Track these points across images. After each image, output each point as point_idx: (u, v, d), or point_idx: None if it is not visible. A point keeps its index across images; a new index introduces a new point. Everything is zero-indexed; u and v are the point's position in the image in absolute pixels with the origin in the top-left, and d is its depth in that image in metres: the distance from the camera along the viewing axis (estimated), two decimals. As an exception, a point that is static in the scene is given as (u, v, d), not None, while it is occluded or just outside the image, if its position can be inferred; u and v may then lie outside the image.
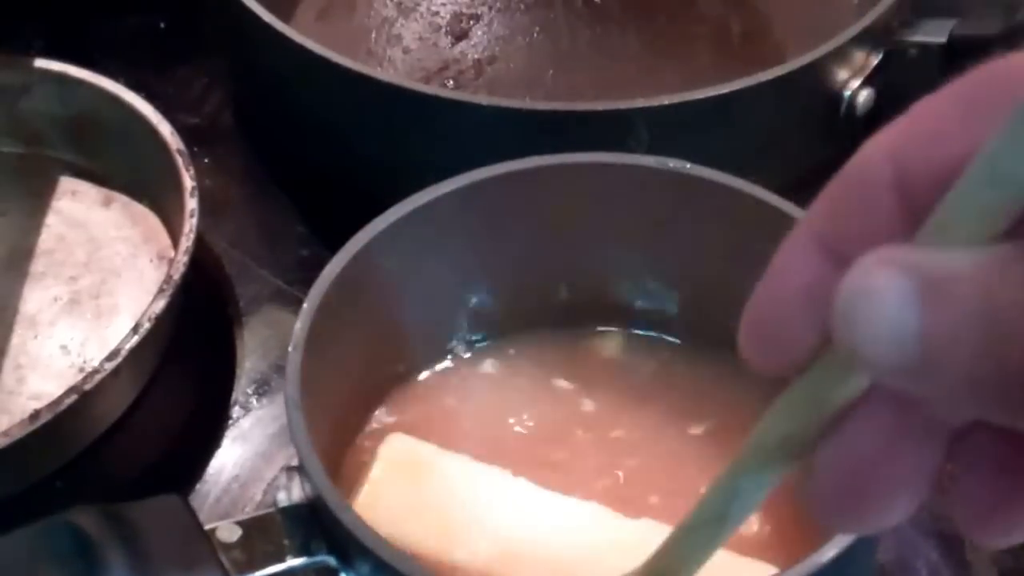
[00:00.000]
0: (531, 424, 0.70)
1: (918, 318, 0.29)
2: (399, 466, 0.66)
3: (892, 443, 0.32)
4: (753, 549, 0.64)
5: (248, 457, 0.77)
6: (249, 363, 0.82)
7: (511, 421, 0.70)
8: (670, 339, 0.74)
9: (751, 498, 0.38)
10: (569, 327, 0.74)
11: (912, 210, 0.32)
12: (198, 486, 0.75)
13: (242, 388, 0.81)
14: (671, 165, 0.68)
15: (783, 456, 0.36)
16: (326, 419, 0.64)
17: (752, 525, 0.65)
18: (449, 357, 0.73)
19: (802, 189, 0.85)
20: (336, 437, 0.68)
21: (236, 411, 0.79)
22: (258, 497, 0.74)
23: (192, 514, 0.56)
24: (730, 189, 0.67)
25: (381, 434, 0.69)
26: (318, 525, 0.56)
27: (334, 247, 0.66)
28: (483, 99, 0.80)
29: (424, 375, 0.72)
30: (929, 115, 0.32)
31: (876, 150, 0.33)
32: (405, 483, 0.65)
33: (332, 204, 0.89)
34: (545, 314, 0.74)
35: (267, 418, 0.79)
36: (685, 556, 0.44)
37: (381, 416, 0.71)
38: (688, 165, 0.68)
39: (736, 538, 0.63)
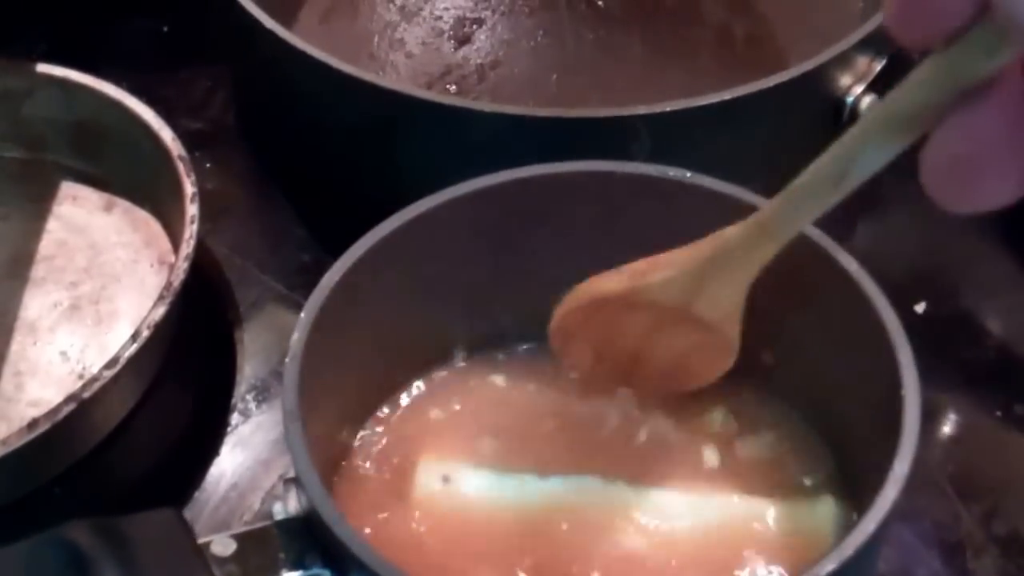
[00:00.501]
0: (531, 432, 0.70)
1: None
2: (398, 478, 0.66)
3: (1012, 130, 0.33)
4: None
5: (248, 464, 0.77)
6: (249, 369, 0.82)
7: (512, 429, 0.70)
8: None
9: (871, 163, 0.40)
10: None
11: None
12: (197, 494, 0.75)
13: (242, 394, 0.80)
14: (671, 174, 0.67)
15: (912, 125, 0.37)
16: (323, 427, 0.64)
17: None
18: (448, 365, 0.73)
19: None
20: (333, 444, 0.67)
21: (236, 417, 0.79)
22: (256, 505, 0.74)
23: (186, 528, 0.56)
24: (730, 198, 0.67)
25: (378, 442, 0.69)
26: (313, 538, 0.56)
27: (336, 252, 0.66)
28: (484, 106, 0.80)
29: (422, 383, 0.72)
30: None
31: None
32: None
33: (334, 209, 0.88)
34: (547, 322, 0.73)
35: (267, 424, 0.79)
36: (799, 209, 0.46)
37: (379, 423, 0.70)
38: (688, 174, 0.67)
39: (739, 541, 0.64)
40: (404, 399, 0.71)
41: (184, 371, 0.81)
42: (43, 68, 0.88)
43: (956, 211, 0.38)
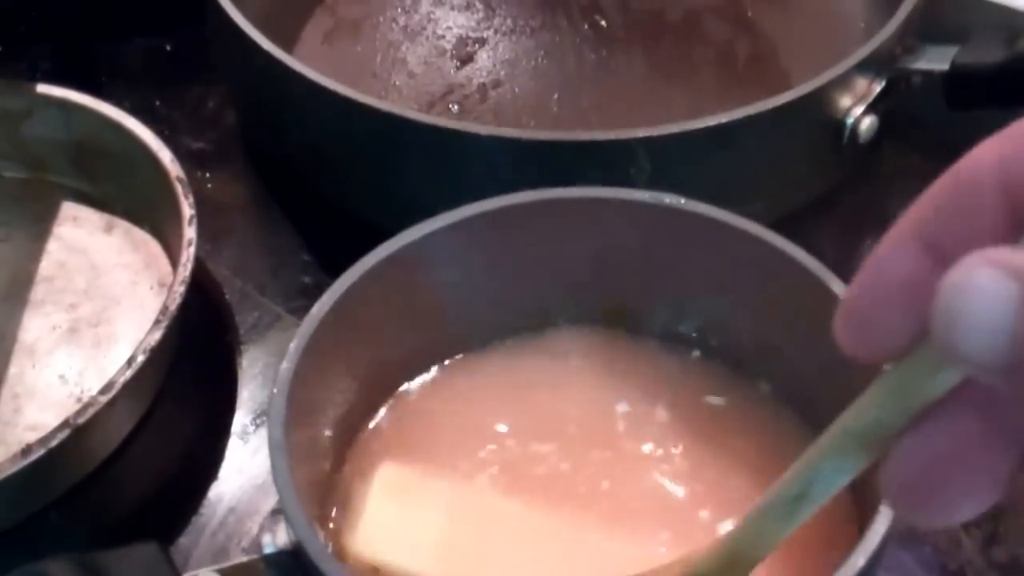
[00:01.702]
0: (526, 445, 0.70)
1: (1017, 319, 0.30)
2: (393, 496, 0.66)
3: (972, 445, 0.34)
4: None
5: (246, 489, 0.76)
6: (248, 392, 0.82)
7: (499, 445, 0.70)
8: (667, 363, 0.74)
9: (832, 481, 0.39)
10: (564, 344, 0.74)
11: (1018, 215, 0.33)
12: (194, 519, 0.75)
13: (241, 417, 0.80)
14: (667, 201, 0.67)
15: (869, 443, 0.37)
16: (313, 449, 0.64)
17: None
18: (438, 380, 0.73)
19: (805, 216, 0.85)
20: (324, 464, 0.67)
21: (235, 441, 0.79)
22: (254, 531, 0.74)
23: (169, 562, 0.55)
24: (724, 224, 0.66)
25: (371, 458, 0.69)
26: (302, 572, 0.55)
27: (337, 274, 0.66)
28: (482, 129, 0.79)
29: (416, 399, 0.72)
30: None
31: (985, 153, 0.33)
32: (401, 513, 0.65)
33: (336, 231, 0.88)
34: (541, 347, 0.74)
35: (266, 448, 0.78)
36: (762, 533, 0.46)
37: (371, 439, 0.70)
38: (683, 200, 0.67)
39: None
40: (400, 415, 0.71)
41: (183, 393, 0.81)
42: (43, 88, 0.88)
43: (925, 525, 0.38)
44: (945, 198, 0.34)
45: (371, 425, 0.70)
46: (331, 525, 0.65)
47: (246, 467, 0.77)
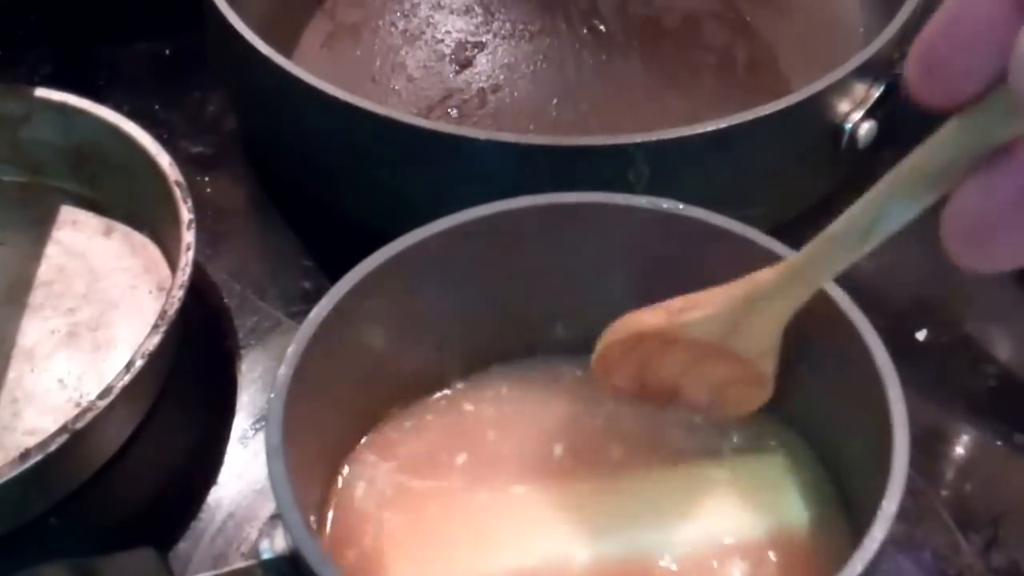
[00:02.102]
0: (523, 457, 0.70)
1: None
2: (393, 506, 0.66)
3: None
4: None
5: (245, 494, 0.76)
6: (248, 396, 0.82)
7: (501, 454, 0.70)
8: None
9: (896, 219, 0.41)
10: (563, 361, 0.74)
11: None
12: (194, 523, 0.75)
13: (240, 422, 0.80)
14: (664, 206, 0.67)
15: (934, 184, 0.38)
16: (314, 458, 0.64)
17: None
18: (440, 391, 0.73)
19: (803, 221, 0.85)
20: (322, 469, 0.67)
21: (234, 446, 0.79)
22: (254, 536, 0.74)
23: (166, 568, 0.56)
24: (722, 231, 0.66)
25: (370, 467, 0.69)
26: (299, 579, 0.55)
27: (336, 279, 0.66)
28: (481, 134, 0.79)
29: (414, 408, 0.72)
30: None
31: None
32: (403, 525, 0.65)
33: (335, 235, 0.88)
34: (539, 349, 0.73)
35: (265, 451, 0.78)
36: (828, 259, 0.48)
37: (369, 448, 0.70)
38: (681, 206, 0.67)
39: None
40: (397, 426, 0.71)
41: (182, 398, 0.81)
42: (41, 92, 0.88)
43: (974, 270, 0.38)
44: None
45: (370, 430, 0.70)
46: (328, 530, 0.65)
47: (245, 472, 0.78)
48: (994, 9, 0.34)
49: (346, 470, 0.68)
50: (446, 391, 0.72)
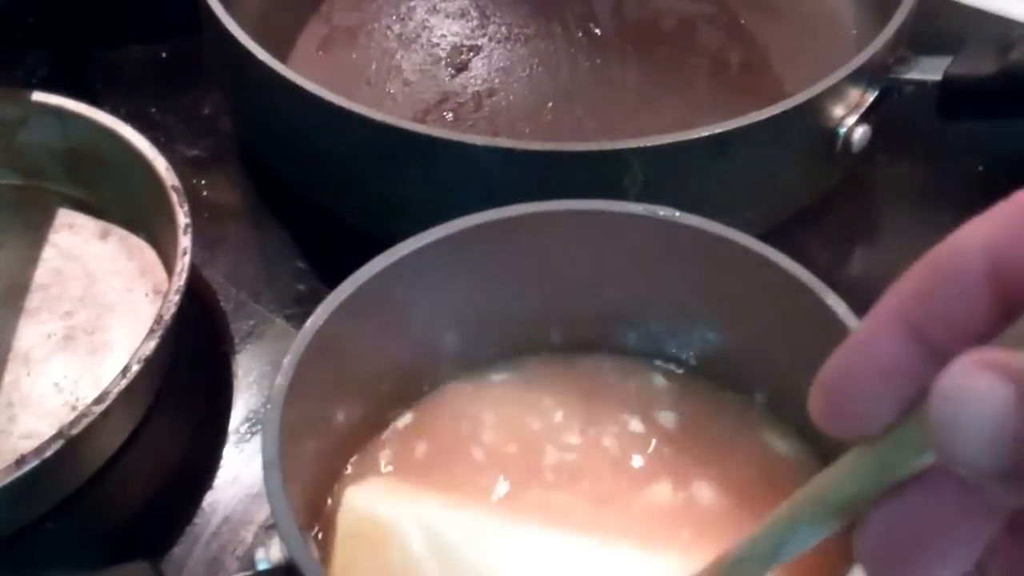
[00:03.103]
0: (518, 459, 0.70)
1: (1015, 425, 0.29)
2: (361, 535, 0.66)
3: (950, 517, 0.33)
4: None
5: (240, 498, 0.76)
6: (243, 400, 0.82)
7: (497, 457, 0.70)
8: (661, 378, 0.74)
9: (803, 543, 0.40)
10: (558, 366, 0.74)
11: (1007, 302, 0.32)
12: (188, 528, 0.75)
13: (236, 426, 0.80)
14: (660, 213, 0.67)
15: (844, 511, 0.37)
16: (307, 464, 0.64)
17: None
18: (435, 397, 0.73)
19: (797, 225, 0.86)
20: (317, 482, 0.67)
21: (230, 450, 0.79)
22: (248, 540, 0.74)
23: (161, 581, 0.56)
24: (717, 237, 0.67)
25: (367, 472, 0.69)
26: (294, 589, 0.55)
27: (332, 282, 0.66)
28: (476, 139, 0.80)
29: (409, 413, 0.72)
30: None
31: (970, 239, 0.32)
32: (370, 551, 0.65)
33: (331, 239, 0.89)
34: (533, 355, 0.74)
35: (261, 457, 0.78)
36: None
37: (366, 454, 0.70)
38: (677, 213, 0.67)
39: None
40: (393, 432, 0.71)
41: (178, 401, 0.81)
42: (38, 96, 0.89)
43: None
44: (928, 283, 0.33)
45: (367, 439, 0.70)
46: (320, 537, 0.65)
47: (241, 476, 0.78)
48: (895, 348, 0.33)
49: (343, 475, 0.68)
50: (441, 396, 0.73)
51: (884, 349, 0.34)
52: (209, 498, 0.77)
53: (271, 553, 0.57)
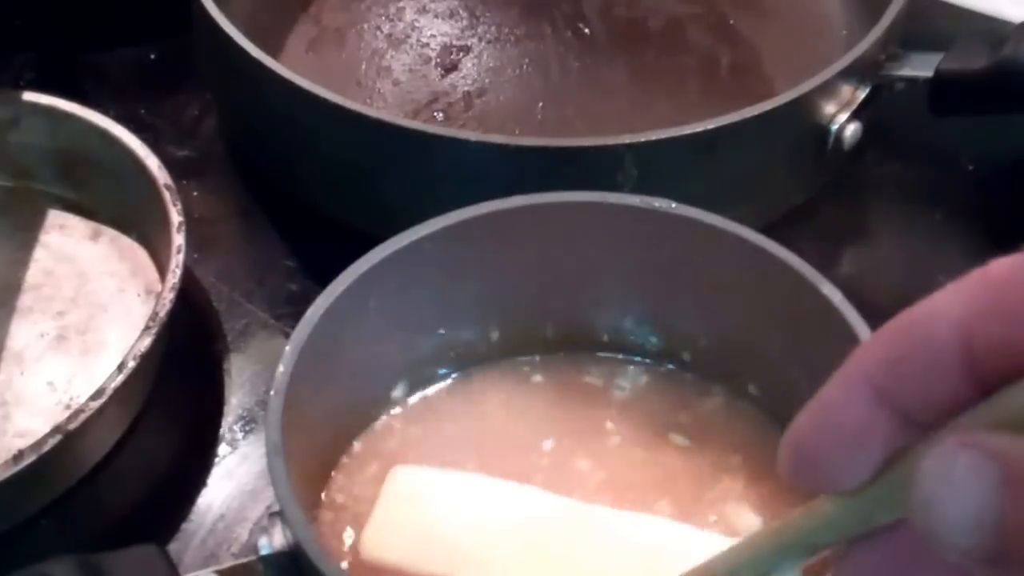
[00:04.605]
0: (516, 452, 0.70)
1: (999, 506, 0.29)
2: (404, 498, 0.66)
3: (914, 570, 0.33)
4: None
5: (235, 495, 0.76)
6: (236, 399, 0.82)
7: (493, 450, 0.70)
8: (655, 369, 0.74)
9: (783, 573, 0.39)
10: (554, 360, 0.74)
11: (978, 377, 0.31)
12: (184, 525, 0.75)
13: (229, 424, 0.80)
14: (656, 205, 0.68)
15: (815, 552, 0.37)
16: (308, 454, 0.64)
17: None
18: (432, 389, 0.73)
19: (788, 222, 0.86)
20: (318, 469, 0.67)
21: (223, 448, 0.79)
22: (244, 537, 0.74)
23: (169, 564, 0.56)
24: (714, 228, 0.67)
25: (364, 463, 0.69)
26: (299, 573, 0.55)
27: (323, 281, 0.66)
28: (469, 135, 0.80)
29: (409, 402, 0.72)
30: (1008, 288, 0.32)
31: (945, 313, 0.32)
32: (412, 514, 0.66)
33: (322, 238, 0.89)
34: (530, 347, 0.74)
35: (254, 455, 0.78)
36: None
37: (364, 445, 0.70)
38: (673, 204, 0.68)
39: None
40: (390, 424, 0.71)
41: (171, 401, 0.81)
42: (29, 96, 0.88)
43: None
44: (898, 351, 0.33)
45: (366, 427, 0.71)
46: (321, 525, 0.65)
47: (235, 474, 0.78)
48: (863, 410, 0.33)
49: (340, 466, 0.68)
50: (438, 389, 0.73)
51: (853, 414, 0.33)
52: (203, 496, 0.77)
53: (274, 539, 0.57)
